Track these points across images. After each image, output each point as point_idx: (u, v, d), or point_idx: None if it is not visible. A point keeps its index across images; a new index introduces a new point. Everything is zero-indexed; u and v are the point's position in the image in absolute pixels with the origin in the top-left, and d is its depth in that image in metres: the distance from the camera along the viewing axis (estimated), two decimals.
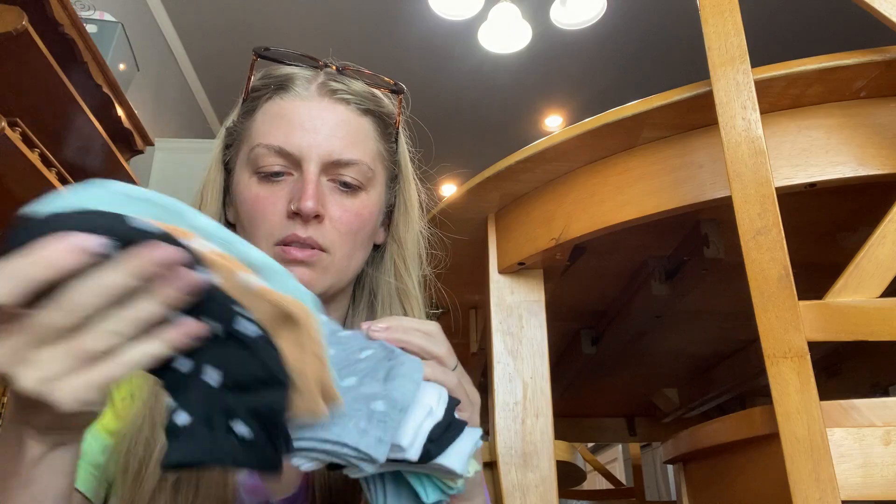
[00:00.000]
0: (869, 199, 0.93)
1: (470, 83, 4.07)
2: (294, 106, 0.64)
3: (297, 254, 0.62)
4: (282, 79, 0.66)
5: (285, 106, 0.65)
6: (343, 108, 0.66)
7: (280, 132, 0.63)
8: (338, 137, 0.64)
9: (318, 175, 0.63)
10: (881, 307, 0.68)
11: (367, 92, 0.68)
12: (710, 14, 0.78)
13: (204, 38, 3.74)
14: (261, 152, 0.63)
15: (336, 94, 0.65)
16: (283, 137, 0.63)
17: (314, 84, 0.66)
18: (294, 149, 0.63)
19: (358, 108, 0.66)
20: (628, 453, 3.57)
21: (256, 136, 0.65)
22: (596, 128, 0.90)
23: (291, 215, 0.62)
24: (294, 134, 0.63)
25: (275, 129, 0.64)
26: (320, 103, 0.65)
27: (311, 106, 0.64)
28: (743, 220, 0.71)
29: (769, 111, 0.82)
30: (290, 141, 0.63)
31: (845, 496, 0.62)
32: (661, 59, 3.92)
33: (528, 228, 1.05)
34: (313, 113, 0.64)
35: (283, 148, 0.63)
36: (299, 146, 0.63)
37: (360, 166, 0.65)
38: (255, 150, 0.64)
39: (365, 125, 0.67)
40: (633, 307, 1.30)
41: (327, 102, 0.65)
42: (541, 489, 0.97)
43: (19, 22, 1.53)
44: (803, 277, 0.71)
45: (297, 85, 0.65)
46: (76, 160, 2.07)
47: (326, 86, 0.66)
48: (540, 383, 1.03)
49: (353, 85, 0.67)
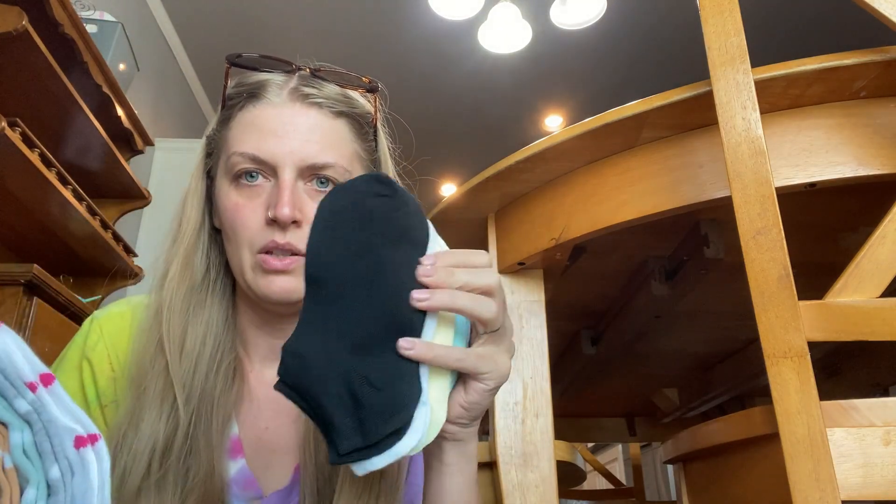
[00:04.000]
0: (869, 199, 0.93)
1: (470, 83, 4.07)
2: (266, 113, 0.65)
3: (276, 263, 0.62)
4: (254, 86, 0.66)
5: (258, 114, 0.65)
6: (315, 111, 0.66)
7: (253, 139, 0.64)
8: (312, 142, 0.64)
9: (293, 181, 0.63)
10: (881, 307, 0.68)
11: (339, 94, 0.68)
12: (710, 14, 0.78)
13: (204, 39, 3.74)
14: (236, 160, 0.64)
15: (308, 98, 0.66)
16: (256, 145, 0.63)
17: (286, 90, 0.66)
18: (268, 156, 0.63)
19: (331, 110, 0.67)
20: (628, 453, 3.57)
21: (232, 145, 0.65)
22: (596, 128, 0.90)
23: (269, 222, 0.62)
24: (267, 141, 0.63)
25: (249, 136, 0.64)
26: (292, 108, 0.65)
27: (283, 112, 0.65)
28: (743, 220, 0.71)
29: (769, 111, 0.82)
30: (263, 148, 0.63)
31: (845, 496, 0.62)
32: (661, 59, 3.92)
33: (528, 228, 1.05)
34: (285, 119, 0.64)
35: (258, 155, 0.63)
36: (273, 153, 0.63)
37: (336, 168, 0.65)
38: (232, 158, 0.64)
39: (339, 127, 0.67)
40: (633, 307, 1.31)
41: (299, 107, 0.65)
42: (541, 489, 0.97)
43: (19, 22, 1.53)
44: (803, 277, 0.71)
45: (268, 92, 0.66)
46: (76, 160, 2.07)
47: (298, 91, 0.66)
48: (540, 383, 1.03)
49: (326, 88, 0.67)
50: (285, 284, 0.63)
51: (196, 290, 0.66)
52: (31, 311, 1.45)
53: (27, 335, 1.43)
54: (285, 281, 0.63)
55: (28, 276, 1.44)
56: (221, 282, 0.69)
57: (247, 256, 0.64)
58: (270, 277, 0.63)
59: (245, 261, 0.64)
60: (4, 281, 1.43)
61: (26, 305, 1.45)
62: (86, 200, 1.89)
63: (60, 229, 1.92)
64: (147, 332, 0.64)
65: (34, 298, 1.47)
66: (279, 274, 0.63)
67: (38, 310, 1.47)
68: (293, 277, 0.63)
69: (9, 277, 1.44)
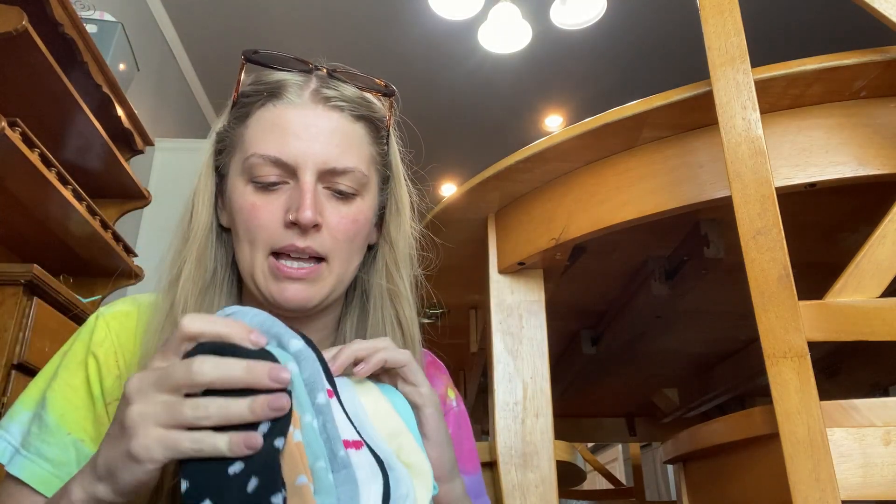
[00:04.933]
0: (869, 199, 0.93)
1: (470, 83, 4.07)
2: (288, 114, 0.64)
3: (292, 272, 0.62)
4: (273, 85, 0.66)
5: (279, 114, 0.64)
6: (337, 115, 0.65)
7: (275, 141, 0.63)
8: (333, 145, 0.64)
9: (314, 184, 0.63)
10: (881, 307, 0.68)
11: (359, 97, 0.67)
12: (710, 14, 0.78)
13: (204, 38, 3.74)
14: (256, 162, 0.63)
15: (330, 101, 0.65)
16: (278, 147, 0.63)
17: (307, 91, 0.65)
18: (290, 158, 0.62)
19: (352, 114, 0.66)
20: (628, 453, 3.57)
21: (251, 145, 0.64)
22: (596, 128, 0.90)
23: (289, 225, 0.62)
24: (289, 143, 0.63)
25: (269, 137, 0.64)
26: (314, 111, 0.65)
27: (305, 114, 0.64)
28: (743, 220, 0.71)
29: (769, 111, 0.82)
30: (285, 150, 0.63)
31: (845, 496, 0.62)
32: (661, 59, 3.91)
33: (528, 228, 1.05)
34: (307, 121, 0.64)
35: (279, 158, 0.63)
36: (295, 155, 0.63)
37: (356, 173, 0.65)
38: (250, 159, 0.64)
39: (358, 131, 0.67)
40: (633, 307, 1.31)
41: (321, 110, 0.65)
42: (541, 489, 0.97)
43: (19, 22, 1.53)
44: (803, 277, 0.71)
45: (289, 92, 0.65)
46: (76, 160, 2.07)
47: (319, 93, 0.65)
48: (540, 383, 1.03)
49: (346, 90, 0.67)
50: (299, 293, 0.63)
51: (208, 290, 0.66)
52: (31, 311, 1.45)
53: (27, 335, 1.43)
54: (299, 289, 0.63)
55: (28, 276, 1.44)
56: (229, 281, 0.68)
57: (259, 259, 0.63)
58: (284, 284, 0.62)
59: (257, 264, 0.63)
60: (4, 281, 1.43)
61: (26, 305, 1.45)
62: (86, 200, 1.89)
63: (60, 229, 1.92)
64: (159, 332, 0.62)
65: (34, 298, 1.47)
66: (293, 281, 0.62)
67: (38, 310, 1.47)
68: (307, 286, 0.63)
69: (9, 277, 1.44)
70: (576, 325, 1.56)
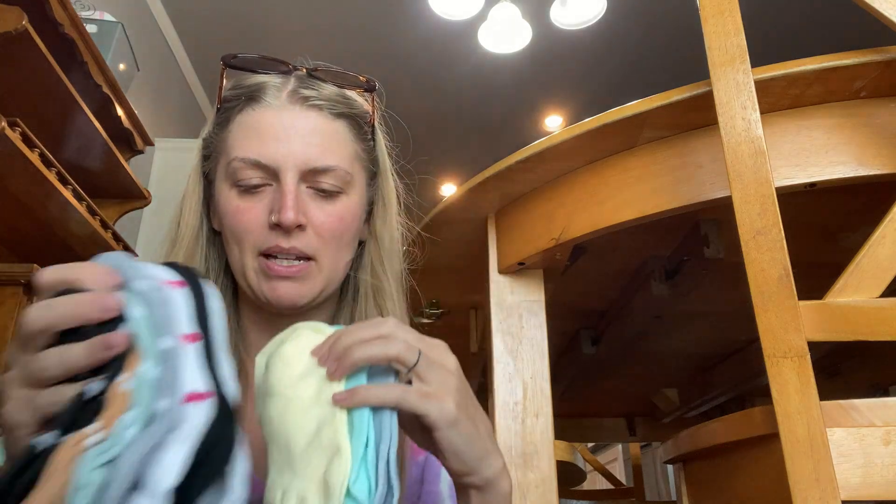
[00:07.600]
0: (869, 199, 0.93)
1: (470, 83, 4.07)
2: (266, 116, 0.64)
3: (283, 270, 0.62)
4: (252, 88, 0.66)
5: (258, 117, 0.65)
6: (315, 114, 0.65)
7: (255, 144, 0.63)
8: (313, 145, 0.64)
9: (296, 184, 0.63)
10: (881, 307, 0.68)
11: (338, 95, 0.67)
12: (710, 14, 0.78)
13: (204, 39, 3.74)
14: (238, 165, 0.64)
15: (308, 101, 0.65)
16: (258, 149, 0.63)
17: (284, 92, 0.66)
18: (270, 160, 0.63)
19: (331, 112, 0.66)
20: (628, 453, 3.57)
21: (232, 150, 0.65)
22: (596, 128, 0.90)
23: (273, 226, 0.62)
24: (269, 145, 0.63)
25: (249, 141, 0.64)
26: (292, 111, 0.65)
27: (283, 115, 0.64)
28: (743, 220, 0.71)
29: (769, 111, 0.82)
30: (265, 153, 0.63)
31: (845, 496, 0.62)
32: (661, 59, 3.91)
33: (528, 228, 1.05)
34: (286, 122, 0.64)
35: (260, 160, 0.63)
36: (275, 157, 0.63)
37: (338, 171, 0.65)
38: (233, 163, 0.64)
39: (339, 129, 0.67)
40: (633, 307, 1.31)
41: (299, 110, 0.65)
42: (541, 489, 0.97)
43: (19, 22, 1.53)
44: (803, 277, 0.71)
45: (267, 94, 0.65)
46: (76, 160, 2.07)
47: (297, 93, 0.65)
48: (540, 383, 1.03)
49: (325, 89, 0.67)
50: (290, 290, 0.63)
51: None
52: None
53: None
54: (290, 287, 0.63)
55: (28, 276, 1.44)
56: (222, 284, 0.69)
57: (249, 260, 0.64)
58: (274, 283, 0.63)
59: (248, 264, 0.64)
60: (4, 281, 1.43)
61: (26, 305, 1.45)
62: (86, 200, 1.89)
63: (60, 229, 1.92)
64: None
65: (34, 298, 1.46)
66: (284, 279, 0.63)
67: None
68: (298, 283, 0.63)
69: (9, 277, 1.43)
70: (576, 325, 1.56)
